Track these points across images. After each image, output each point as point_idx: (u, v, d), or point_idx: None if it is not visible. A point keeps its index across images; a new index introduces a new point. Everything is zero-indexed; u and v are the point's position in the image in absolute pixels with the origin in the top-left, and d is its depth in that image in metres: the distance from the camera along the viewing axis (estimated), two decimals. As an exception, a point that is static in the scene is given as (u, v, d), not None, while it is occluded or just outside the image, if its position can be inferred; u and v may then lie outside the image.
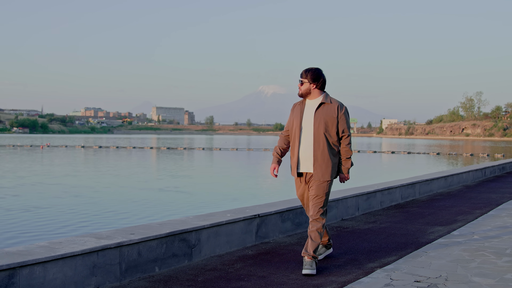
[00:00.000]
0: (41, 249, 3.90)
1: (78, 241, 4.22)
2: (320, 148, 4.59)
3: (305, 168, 4.68)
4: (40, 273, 3.69)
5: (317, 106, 4.63)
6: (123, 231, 4.63)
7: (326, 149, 4.59)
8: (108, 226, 11.00)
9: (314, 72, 4.64)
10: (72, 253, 3.88)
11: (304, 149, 4.66)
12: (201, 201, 15.42)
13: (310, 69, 4.66)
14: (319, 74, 4.64)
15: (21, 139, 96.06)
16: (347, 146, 4.69)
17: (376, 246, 5.69)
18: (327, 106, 4.62)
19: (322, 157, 4.60)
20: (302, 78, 4.64)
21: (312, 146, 4.61)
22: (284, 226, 6.17)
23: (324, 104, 4.63)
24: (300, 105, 4.74)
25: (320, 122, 4.58)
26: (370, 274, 4.46)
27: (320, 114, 4.60)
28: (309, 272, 4.45)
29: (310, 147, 4.62)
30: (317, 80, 4.63)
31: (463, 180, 12.78)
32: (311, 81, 4.63)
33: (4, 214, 12.53)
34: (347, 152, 4.70)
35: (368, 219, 7.46)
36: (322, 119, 4.58)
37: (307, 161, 4.65)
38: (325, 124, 4.58)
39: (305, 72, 4.64)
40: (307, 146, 4.63)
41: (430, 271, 4.54)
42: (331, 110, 4.60)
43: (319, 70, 4.68)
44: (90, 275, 4.02)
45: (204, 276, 4.43)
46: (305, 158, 4.66)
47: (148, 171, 28.26)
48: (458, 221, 7.36)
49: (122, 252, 4.26)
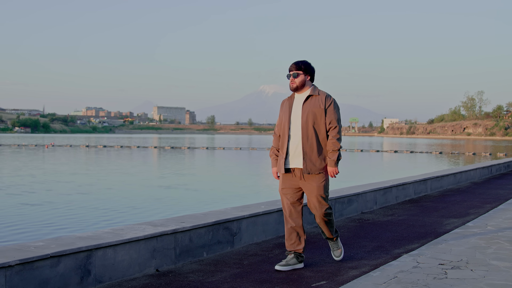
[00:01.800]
0: (108, 235, 4.38)
1: (137, 228, 4.70)
2: (308, 141, 4.47)
3: (295, 163, 4.53)
4: (111, 255, 4.17)
5: (304, 98, 4.54)
6: (174, 219, 5.11)
7: (315, 142, 4.46)
8: (132, 220, 11.46)
9: (307, 63, 4.57)
10: (137, 238, 4.36)
11: (293, 143, 4.53)
12: (219, 197, 15.90)
13: (302, 61, 4.56)
14: (309, 64, 4.59)
15: (25, 139, 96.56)
16: (334, 138, 4.48)
17: (398, 235, 6.17)
18: (315, 98, 4.51)
19: (311, 150, 4.47)
20: (297, 70, 4.53)
21: (301, 140, 4.48)
22: (310, 217, 6.64)
23: (312, 96, 4.52)
24: (288, 100, 4.64)
25: (308, 115, 4.47)
26: (398, 258, 4.93)
27: (308, 106, 4.49)
28: (339, 253, 4.86)
29: (299, 141, 4.49)
30: (310, 71, 4.57)
31: (471, 177, 13.27)
32: (306, 72, 4.55)
33: (28, 209, 13.01)
34: (334, 144, 4.47)
35: (386, 212, 7.94)
36: (310, 111, 4.47)
37: (296, 156, 4.52)
38: (313, 116, 4.46)
39: (299, 63, 4.53)
40: (297, 141, 4.51)
41: (452, 256, 5.02)
42: (318, 102, 4.48)
43: (308, 61, 4.61)
44: (151, 258, 4.50)
45: (249, 260, 4.91)
46: (295, 153, 4.52)
47: (159, 170, 28.73)
48: (471, 214, 7.84)
49: (177, 238, 4.73)
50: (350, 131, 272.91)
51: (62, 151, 50.32)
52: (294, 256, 4.62)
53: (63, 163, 32.76)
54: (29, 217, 12.01)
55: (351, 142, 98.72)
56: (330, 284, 4.14)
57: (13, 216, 12.12)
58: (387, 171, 28.78)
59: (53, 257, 3.76)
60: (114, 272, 4.18)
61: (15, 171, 25.33)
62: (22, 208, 13.33)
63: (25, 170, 26.03)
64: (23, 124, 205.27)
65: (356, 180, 20.57)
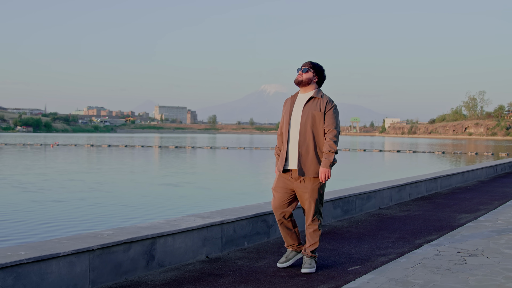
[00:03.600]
0: (165, 225, 4.93)
1: (188, 219, 5.25)
2: (305, 143, 4.46)
3: (292, 164, 4.54)
4: (171, 242, 4.72)
5: (306, 100, 4.54)
6: (218, 212, 5.66)
7: (312, 145, 4.45)
8: (150, 216, 12.01)
9: (320, 66, 4.63)
10: (191, 228, 4.91)
11: (292, 144, 4.54)
12: (236, 194, 16.45)
13: (317, 63, 4.62)
14: (323, 70, 4.64)
15: (28, 138, 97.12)
16: (331, 140, 4.43)
17: (417, 228, 6.73)
18: (317, 100, 4.51)
19: (307, 153, 4.46)
20: (308, 67, 4.57)
21: (298, 141, 4.49)
22: (335, 212, 7.20)
23: (314, 98, 4.52)
24: (291, 100, 4.65)
25: (307, 116, 4.47)
26: (420, 247, 5.48)
27: (309, 108, 4.49)
28: (308, 270, 4.50)
29: (296, 142, 4.50)
30: (320, 75, 4.61)
31: (478, 176, 13.83)
32: (315, 73, 4.58)
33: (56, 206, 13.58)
34: (330, 145, 4.42)
35: (402, 208, 8.49)
36: (310, 113, 4.47)
37: (294, 157, 4.52)
38: (312, 118, 4.46)
39: (313, 62, 4.59)
40: (295, 141, 4.52)
41: (468, 245, 5.57)
42: (319, 105, 4.48)
43: (323, 67, 4.68)
44: (202, 246, 5.05)
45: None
46: (293, 154, 4.52)
47: (168, 168, 29.28)
48: (481, 210, 8.39)
49: (223, 229, 5.29)
50: (351, 130, 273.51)
51: (68, 150, 50.87)
52: (292, 250, 4.78)
53: (73, 162, 33.32)
54: (66, 212, 12.61)
55: (352, 141, 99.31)
56: (364, 268, 4.69)
57: (50, 211, 12.70)
58: (393, 171, 29.32)
59: (126, 243, 4.31)
60: (173, 258, 4.73)
61: (30, 169, 25.90)
62: (55, 204, 13.91)
63: (42, 169, 26.59)
64: (25, 124, 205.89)
65: (363, 179, 21.12)
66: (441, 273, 4.43)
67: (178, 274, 4.47)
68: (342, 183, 16.78)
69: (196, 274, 4.49)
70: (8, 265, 3.52)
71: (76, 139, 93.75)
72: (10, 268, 3.54)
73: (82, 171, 25.75)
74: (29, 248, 3.90)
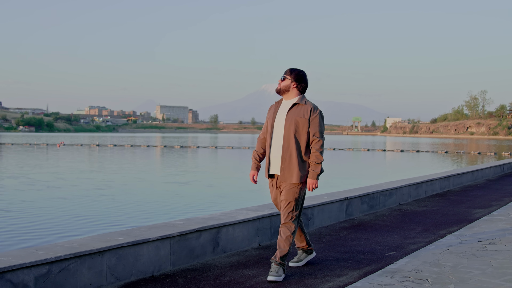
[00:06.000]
0: (224, 216, 5.65)
1: (241, 211, 5.97)
2: (288, 149, 4.48)
3: (275, 170, 4.57)
4: (231, 231, 5.44)
5: (290, 106, 4.57)
6: (264, 206, 6.39)
7: (295, 151, 4.46)
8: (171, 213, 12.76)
9: (299, 72, 4.61)
10: (247, 219, 5.63)
11: (275, 150, 4.57)
12: (251, 192, 17.17)
13: (296, 68, 4.63)
14: (303, 75, 4.61)
15: (32, 138, 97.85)
16: (318, 151, 4.48)
17: (438, 221, 7.45)
18: (300, 107, 4.52)
19: (289, 159, 4.48)
20: (286, 75, 4.59)
21: (281, 147, 4.52)
22: (362, 207, 7.93)
23: (297, 104, 4.53)
24: (275, 106, 4.67)
25: (291, 123, 4.48)
26: (444, 237, 6.20)
27: (292, 114, 4.50)
28: (274, 279, 4.33)
29: (280, 148, 4.54)
30: (300, 81, 4.58)
31: (486, 175, 14.57)
32: (293, 79, 4.58)
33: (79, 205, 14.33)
34: (317, 157, 4.48)
35: (420, 204, 9.21)
36: (293, 119, 4.48)
37: (277, 162, 4.55)
38: (295, 125, 4.47)
39: (290, 70, 4.61)
40: (277, 147, 4.55)
41: (486, 235, 6.28)
42: (303, 111, 4.50)
43: (304, 72, 4.65)
44: (255, 235, 5.77)
45: (326, 238, 6.18)
46: (276, 160, 4.56)
47: (180, 168, 29.98)
48: (493, 205, 9.11)
49: (272, 220, 6.01)
50: (353, 130, 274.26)
51: (74, 150, 51.45)
52: (302, 251, 4.95)
53: (92, 162, 34.04)
54: (106, 209, 13.36)
55: (354, 141, 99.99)
56: (399, 253, 5.41)
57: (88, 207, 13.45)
58: (402, 170, 30.00)
59: (198, 231, 5.03)
60: (233, 245, 5.46)
61: (59, 167, 26.64)
62: (92, 202, 14.66)
63: (67, 169, 27.32)
64: (27, 123, 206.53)
65: (376, 178, 21.84)
66: (467, 257, 5.14)
67: (240, 259, 5.19)
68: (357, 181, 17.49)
69: (255, 258, 5.21)
70: (112, 248, 4.25)
71: (79, 139, 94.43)
72: (114, 250, 4.27)
73: (104, 171, 26.45)
74: (122, 235, 4.62)
